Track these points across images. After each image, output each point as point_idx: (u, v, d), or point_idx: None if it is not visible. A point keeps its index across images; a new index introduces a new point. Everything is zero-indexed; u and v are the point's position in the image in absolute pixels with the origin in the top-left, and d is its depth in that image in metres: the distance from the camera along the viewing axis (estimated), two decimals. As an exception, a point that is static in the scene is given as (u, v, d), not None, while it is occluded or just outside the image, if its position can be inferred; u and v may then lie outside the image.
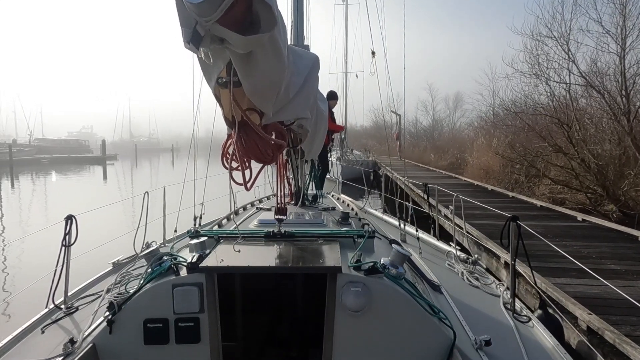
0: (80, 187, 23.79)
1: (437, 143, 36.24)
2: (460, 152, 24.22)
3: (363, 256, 2.12)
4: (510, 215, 2.65)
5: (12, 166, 34.81)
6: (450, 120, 50.99)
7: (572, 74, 12.08)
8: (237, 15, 1.42)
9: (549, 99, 12.99)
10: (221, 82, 1.78)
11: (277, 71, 1.82)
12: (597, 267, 5.02)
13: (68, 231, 2.38)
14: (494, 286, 2.93)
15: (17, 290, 6.49)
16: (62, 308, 2.35)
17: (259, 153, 2.00)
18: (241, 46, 1.51)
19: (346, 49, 27.15)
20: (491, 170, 16.86)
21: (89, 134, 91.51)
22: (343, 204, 4.43)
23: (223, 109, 1.94)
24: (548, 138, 12.34)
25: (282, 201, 2.62)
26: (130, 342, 1.93)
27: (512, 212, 8.51)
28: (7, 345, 2.02)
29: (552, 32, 12.48)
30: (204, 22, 1.37)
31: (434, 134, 46.20)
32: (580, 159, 11.05)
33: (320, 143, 3.73)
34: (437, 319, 1.94)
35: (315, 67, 2.72)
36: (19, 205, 17.09)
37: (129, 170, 36.89)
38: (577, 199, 11.64)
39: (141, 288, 1.98)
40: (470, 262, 3.30)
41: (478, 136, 21.18)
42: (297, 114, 2.59)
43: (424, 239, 3.94)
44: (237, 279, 2.91)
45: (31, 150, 46.16)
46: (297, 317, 3.08)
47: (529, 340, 2.19)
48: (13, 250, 9.17)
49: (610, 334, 3.16)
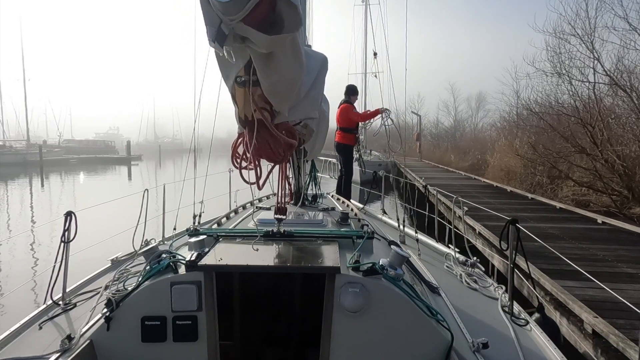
0: (107, 187, 24.41)
1: (459, 144, 35.70)
2: (482, 153, 23.80)
3: (362, 257, 2.13)
4: (509, 218, 2.63)
5: (42, 166, 36.04)
6: (473, 121, 50.19)
7: (597, 72, 11.74)
8: (261, 15, 1.45)
9: (571, 98, 12.67)
10: (240, 81, 1.81)
11: (295, 71, 1.85)
12: (613, 270, 4.90)
13: (67, 227, 2.39)
14: (493, 289, 2.91)
15: (14, 287, 6.57)
16: (60, 304, 2.36)
17: (270, 152, 2.03)
18: (265, 46, 1.54)
19: (365, 50, 27.08)
20: (512, 172, 16.52)
21: (116, 135, 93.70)
22: (343, 205, 4.44)
23: (237, 107, 1.98)
24: (571, 139, 12.02)
25: (282, 201, 2.63)
26: (128, 339, 1.94)
27: (530, 214, 8.47)
28: (4, 340, 2.02)
29: (575, 30, 12.17)
30: (229, 20, 1.40)
31: (455, 134, 45.51)
32: (604, 160, 10.72)
33: (321, 143, 3.75)
34: (435, 320, 1.94)
35: (324, 67, 2.76)
36: (49, 203, 17.73)
37: (153, 170, 37.68)
38: (602, 201, 11.29)
39: (139, 285, 1.99)
40: (469, 265, 3.28)
41: (500, 137, 20.78)
42: (306, 113, 2.62)
43: (423, 241, 3.92)
44: (235, 278, 2.91)
45: (60, 150, 47.59)
46: (295, 317, 3.08)
47: (527, 343, 2.17)
48: (18, 245, 9.42)
49: (615, 337, 3.09)
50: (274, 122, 2.04)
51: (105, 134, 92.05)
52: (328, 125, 3.86)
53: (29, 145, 42.93)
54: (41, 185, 24.51)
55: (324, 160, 10.23)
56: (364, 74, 27.21)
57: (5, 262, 8.31)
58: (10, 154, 39.64)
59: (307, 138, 3.16)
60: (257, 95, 1.87)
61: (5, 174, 29.14)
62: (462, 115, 51.75)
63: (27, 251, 9.05)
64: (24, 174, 30.27)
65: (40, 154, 38.54)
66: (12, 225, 12.50)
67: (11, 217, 13.85)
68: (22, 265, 8.11)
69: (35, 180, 27.13)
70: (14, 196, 19.48)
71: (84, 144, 56.96)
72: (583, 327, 3.50)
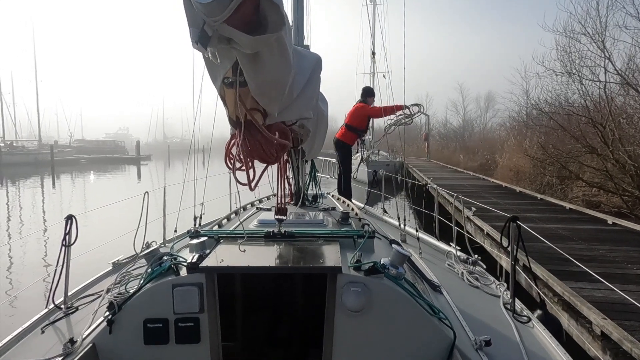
0: (117, 186, 24.66)
1: (468, 144, 35.49)
2: (491, 153, 23.64)
3: (363, 256, 2.12)
4: (510, 216, 2.61)
5: (53, 166, 36.54)
6: (482, 121, 49.87)
7: (608, 71, 11.60)
8: (245, 16, 1.44)
9: (581, 98, 12.52)
10: (227, 82, 1.80)
11: (283, 71, 1.84)
12: (623, 271, 4.83)
13: (68, 231, 2.39)
14: (494, 286, 2.90)
15: (17, 290, 6.59)
16: (62, 308, 2.36)
17: (262, 153, 2.03)
18: (249, 46, 1.53)
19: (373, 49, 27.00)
20: (521, 172, 16.37)
21: (125, 135, 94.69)
22: (343, 204, 4.43)
23: (227, 109, 1.97)
24: (581, 138, 11.88)
25: (283, 201, 2.63)
26: (130, 342, 1.94)
27: (539, 214, 8.39)
28: (7, 345, 2.02)
29: (585, 29, 12.03)
30: (212, 22, 1.39)
31: (464, 134, 45.25)
32: (615, 160, 10.58)
33: (320, 143, 3.74)
34: (437, 319, 1.94)
35: (318, 67, 2.74)
36: (59, 203, 17.95)
37: (162, 170, 37.97)
38: (613, 202, 11.14)
39: (141, 288, 2.00)
40: (470, 263, 3.26)
41: (509, 137, 20.62)
42: (300, 113, 2.61)
43: (424, 239, 3.89)
44: (237, 279, 2.91)
45: (71, 150, 48.27)
46: (297, 318, 3.08)
47: (529, 340, 2.16)
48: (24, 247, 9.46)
49: (623, 339, 3.04)
50: (266, 123, 2.04)
51: (115, 134, 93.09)
52: (327, 125, 3.84)
53: (41, 145, 43.64)
54: (52, 186, 24.84)
55: (323, 160, 10.21)
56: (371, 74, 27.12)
57: (7, 266, 8.27)
58: (22, 154, 40.33)
59: (305, 138, 3.14)
60: (246, 96, 1.86)
61: (17, 174, 29.60)
62: (471, 115, 51.53)
63: (32, 254, 9.05)
64: (36, 174, 30.70)
65: (52, 154, 39.11)
66: (25, 224, 12.66)
67: (23, 218, 14.02)
68: (27, 268, 8.10)
69: (46, 180, 27.50)
70: (25, 196, 19.76)
71: (94, 144, 57.73)
72: (591, 329, 3.46)
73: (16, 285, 7.19)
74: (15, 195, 20.19)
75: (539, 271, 4.67)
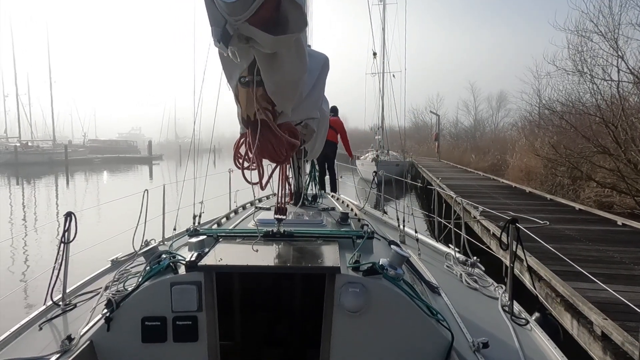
0: (129, 185, 24.96)
1: (479, 144, 35.15)
2: (502, 153, 23.39)
3: (362, 257, 2.13)
4: (509, 218, 2.61)
5: (67, 165, 37.11)
6: (493, 120, 49.36)
7: (621, 70, 11.41)
8: (266, 15, 1.45)
9: (593, 97, 12.33)
10: (243, 82, 1.82)
11: (299, 71, 1.86)
12: (629, 273, 4.78)
13: (67, 228, 2.39)
14: (493, 289, 2.89)
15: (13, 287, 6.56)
16: (60, 305, 2.35)
17: (273, 152, 2.03)
18: (269, 46, 1.54)
19: (383, 49, 26.96)
20: (532, 173, 16.18)
21: (138, 135, 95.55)
22: (342, 205, 4.43)
23: (240, 107, 1.99)
24: (593, 139, 11.71)
25: (282, 201, 2.63)
26: (128, 339, 1.94)
27: (548, 215, 8.31)
28: (4, 341, 2.02)
29: (598, 27, 11.85)
30: (234, 21, 1.40)
31: (475, 134, 44.82)
32: (627, 160, 10.40)
33: (321, 143, 3.76)
34: (435, 320, 1.94)
35: (326, 67, 2.76)
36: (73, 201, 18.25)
37: (174, 169, 38.33)
38: (626, 203, 10.96)
39: (139, 286, 2.00)
40: (469, 264, 3.25)
41: (520, 137, 20.39)
42: (308, 113, 2.63)
43: (423, 240, 3.89)
44: (235, 278, 2.92)
45: (84, 150, 48.90)
46: (295, 317, 3.08)
47: (527, 342, 2.16)
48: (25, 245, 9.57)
49: (623, 339, 3.02)
50: (276, 122, 2.05)
51: (128, 134, 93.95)
52: (328, 126, 3.86)
53: (55, 145, 44.37)
54: (66, 184, 25.24)
55: None
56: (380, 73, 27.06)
57: (7, 262, 8.32)
58: (37, 153, 41.01)
59: (308, 138, 3.16)
60: (260, 96, 1.87)
61: (32, 173, 30.15)
62: (483, 115, 51.00)
63: (30, 251, 9.14)
64: (50, 173, 31.23)
65: (66, 154, 39.72)
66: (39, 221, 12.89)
67: (37, 215, 14.31)
68: (25, 265, 8.16)
69: (60, 179, 27.95)
70: (40, 194, 20.12)
71: (108, 143, 58.37)
72: (592, 329, 3.44)
73: (16, 282, 7.26)
74: (31, 193, 20.58)
75: (542, 272, 4.65)
